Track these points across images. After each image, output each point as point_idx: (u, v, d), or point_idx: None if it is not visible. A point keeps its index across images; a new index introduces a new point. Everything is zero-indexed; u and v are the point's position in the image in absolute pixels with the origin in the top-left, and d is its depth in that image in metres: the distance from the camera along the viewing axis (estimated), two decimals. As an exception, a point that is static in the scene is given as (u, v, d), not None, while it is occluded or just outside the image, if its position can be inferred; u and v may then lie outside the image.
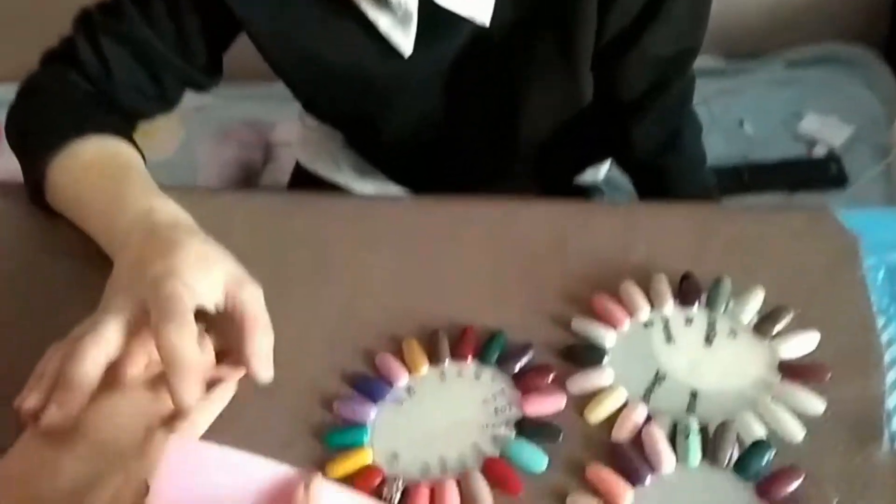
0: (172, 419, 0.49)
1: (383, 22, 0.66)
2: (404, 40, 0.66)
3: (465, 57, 0.72)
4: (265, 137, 1.40)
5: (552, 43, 0.70)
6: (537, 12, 0.67)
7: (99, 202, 0.59)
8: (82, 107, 0.67)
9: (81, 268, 0.60)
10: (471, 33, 0.69)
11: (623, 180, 1.11)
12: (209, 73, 0.73)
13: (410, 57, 0.68)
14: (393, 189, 0.97)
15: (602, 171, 1.05)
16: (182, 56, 0.69)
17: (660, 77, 0.75)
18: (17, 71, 0.71)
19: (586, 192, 1.04)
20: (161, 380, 0.50)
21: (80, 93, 0.68)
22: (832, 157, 1.24)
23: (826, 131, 1.28)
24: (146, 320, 0.48)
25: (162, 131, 1.19)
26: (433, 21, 0.66)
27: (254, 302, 0.52)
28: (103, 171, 0.61)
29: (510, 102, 0.77)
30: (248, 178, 1.34)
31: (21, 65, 0.72)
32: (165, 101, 0.72)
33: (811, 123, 1.29)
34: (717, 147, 0.90)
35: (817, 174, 1.23)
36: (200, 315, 0.51)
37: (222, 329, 0.53)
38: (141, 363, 0.51)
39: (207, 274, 0.51)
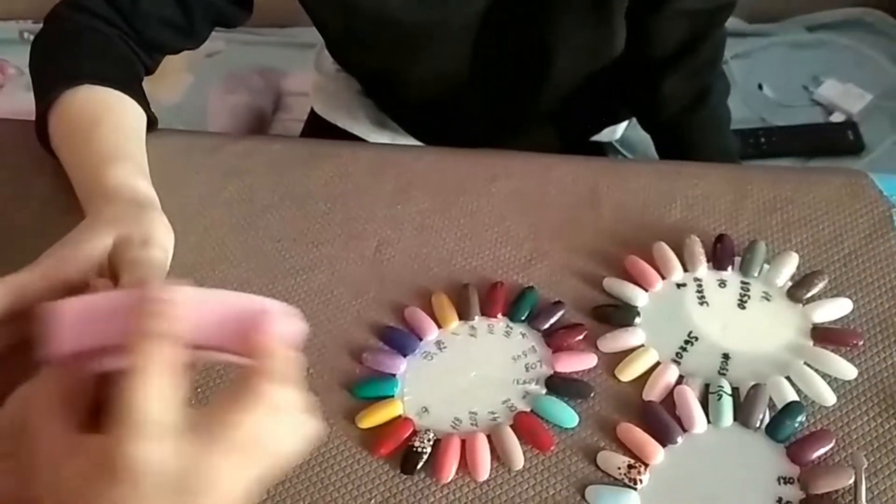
0: None
1: None
2: None
3: (497, 6, 0.70)
4: (276, 86, 1.37)
5: None
6: None
7: (68, 157, 0.60)
8: (93, 48, 0.65)
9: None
10: None
11: (638, 141, 1.10)
12: (240, 7, 0.71)
13: (443, 4, 0.66)
14: (407, 141, 0.96)
15: (619, 130, 1.03)
16: None
17: (694, 32, 0.73)
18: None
19: (602, 151, 1.03)
20: None
21: (99, 27, 0.66)
22: (850, 124, 1.23)
23: (844, 98, 1.27)
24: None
25: (169, 76, 1.17)
26: None
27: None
28: (80, 125, 0.60)
29: (539, 54, 0.76)
30: (258, 126, 1.32)
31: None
32: (192, 35, 0.70)
33: (830, 90, 1.28)
34: (736, 110, 0.89)
35: (834, 140, 1.22)
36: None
37: None
38: None
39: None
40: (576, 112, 0.88)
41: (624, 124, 1.02)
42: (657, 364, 0.53)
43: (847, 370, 0.51)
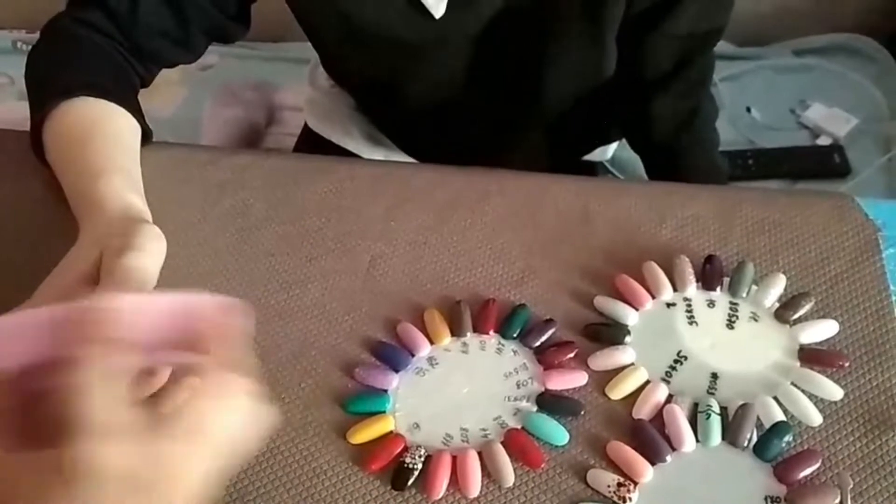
0: None
1: None
2: (437, 2, 0.66)
3: (495, 23, 0.71)
4: (269, 100, 1.38)
5: (581, 13, 0.70)
6: None
7: (62, 169, 0.60)
8: (89, 60, 0.66)
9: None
10: (503, 1, 0.68)
11: (629, 161, 1.11)
12: (237, 23, 0.72)
13: (441, 20, 0.67)
14: (400, 157, 0.97)
15: (610, 150, 1.05)
16: (212, 1, 0.68)
17: (685, 54, 0.75)
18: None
19: (593, 170, 1.04)
20: None
21: (96, 39, 0.66)
22: (836, 148, 1.25)
23: (831, 122, 1.29)
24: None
25: (162, 89, 1.17)
26: None
27: None
28: (73, 137, 0.60)
29: (534, 72, 0.77)
30: (251, 140, 1.33)
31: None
32: (190, 49, 0.71)
33: (816, 113, 1.30)
34: (724, 132, 0.91)
35: (821, 163, 1.24)
36: None
37: None
38: None
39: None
40: (568, 131, 0.90)
41: (615, 144, 1.03)
42: (647, 382, 0.53)
43: (833, 391, 0.52)
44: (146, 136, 0.65)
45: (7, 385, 0.34)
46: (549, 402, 0.53)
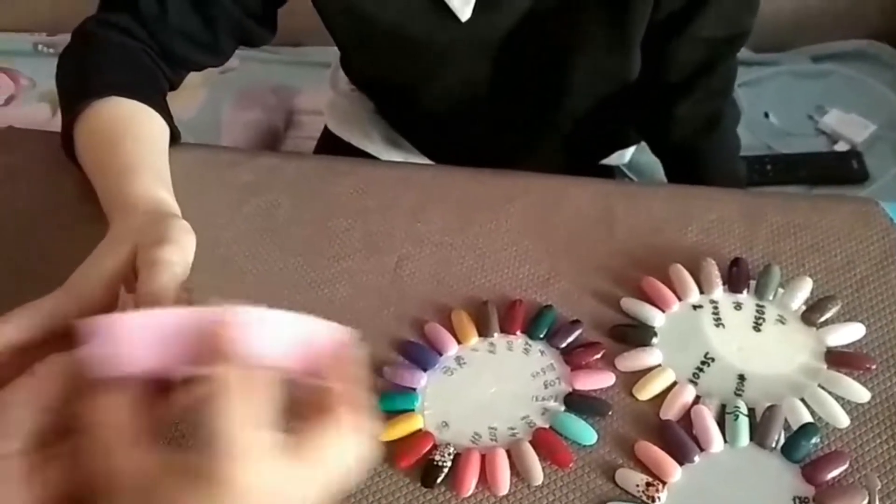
0: None
1: None
2: (463, 6, 0.66)
3: (519, 27, 0.72)
4: (288, 103, 1.39)
5: (606, 17, 0.70)
6: None
7: (92, 168, 0.60)
8: (119, 62, 0.67)
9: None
10: (529, 5, 0.69)
11: (646, 165, 1.12)
12: (263, 27, 0.73)
13: (466, 23, 0.68)
14: (419, 160, 0.97)
15: (627, 154, 1.05)
16: (239, 4, 0.69)
17: (709, 59, 0.75)
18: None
19: (611, 174, 1.05)
20: None
21: (126, 42, 0.67)
22: (854, 153, 1.25)
23: (849, 128, 1.28)
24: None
25: (183, 92, 1.19)
26: None
27: None
28: (104, 137, 0.61)
29: (557, 76, 0.77)
30: (270, 143, 1.34)
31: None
32: (216, 52, 0.72)
33: (834, 119, 1.29)
34: (742, 137, 0.91)
35: (839, 169, 1.24)
36: None
37: None
38: None
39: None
40: (588, 135, 0.90)
41: (632, 148, 1.04)
42: (674, 383, 0.54)
43: (860, 393, 0.52)
44: (174, 137, 0.66)
45: (131, 387, 0.34)
46: (577, 402, 0.53)
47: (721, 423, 0.51)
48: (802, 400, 0.52)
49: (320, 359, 0.36)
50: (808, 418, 0.51)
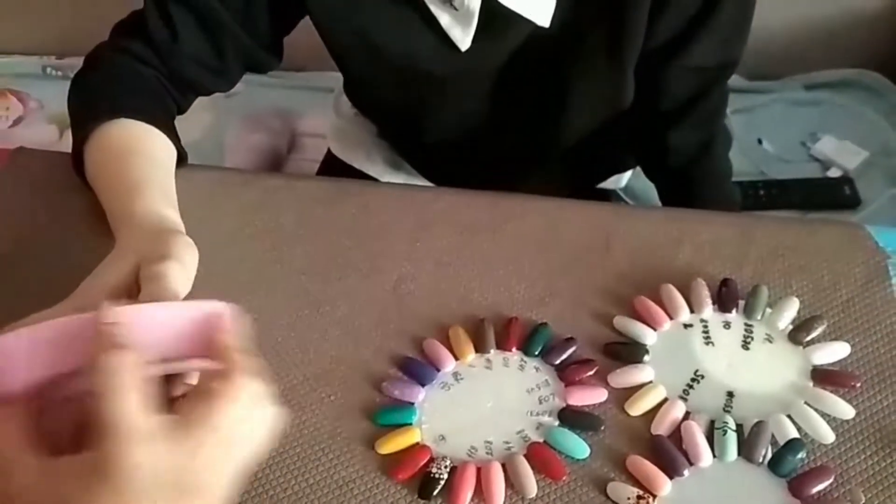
0: None
1: (444, 18, 0.68)
2: (463, 36, 0.69)
3: (519, 56, 0.74)
4: (291, 126, 1.41)
5: (602, 45, 0.72)
6: (592, 15, 0.70)
7: (101, 186, 0.63)
8: (130, 85, 0.69)
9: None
10: (528, 33, 0.71)
11: (641, 190, 1.14)
12: (271, 54, 0.75)
13: (466, 52, 0.70)
14: (420, 182, 0.99)
15: (624, 179, 1.07)
16: (247, 31, 0.71)
17: (701, 86, 0.78)
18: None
19: (607, 198, 1.07)
20: None
21: (137, 67, 0.69)
22: (846, 180, 1.27)
23: (841, 154, 1.31)
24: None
25: (188, 115, 1.22)
26: (493, 19, 0.68)
27: None
28: (113, 156, 0.63)
29: (555, 103, 0.80)
30: (273, 165, 1.36)
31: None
32: (225, 77, 0.74)
33: (827, 146, 1.32)
34: (736, 163, 0.93)
35: (832, 195, 1.26)
36: None
37: None
38: None
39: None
40: (585, 160, 0.92)
41: (629, 173, 1.06)
42: (665, 400, 0.55)
43: (845, 410, 0.54)
44: (181, 159, 0.68)
45: (23, 401, 0.36)
46: (571, 417, 0.55)
47: (710, 439, 0.53)
48: (789, 416, 0.54)
49: (207, 338, 0.37)
50: (794, 434, 0.53)
